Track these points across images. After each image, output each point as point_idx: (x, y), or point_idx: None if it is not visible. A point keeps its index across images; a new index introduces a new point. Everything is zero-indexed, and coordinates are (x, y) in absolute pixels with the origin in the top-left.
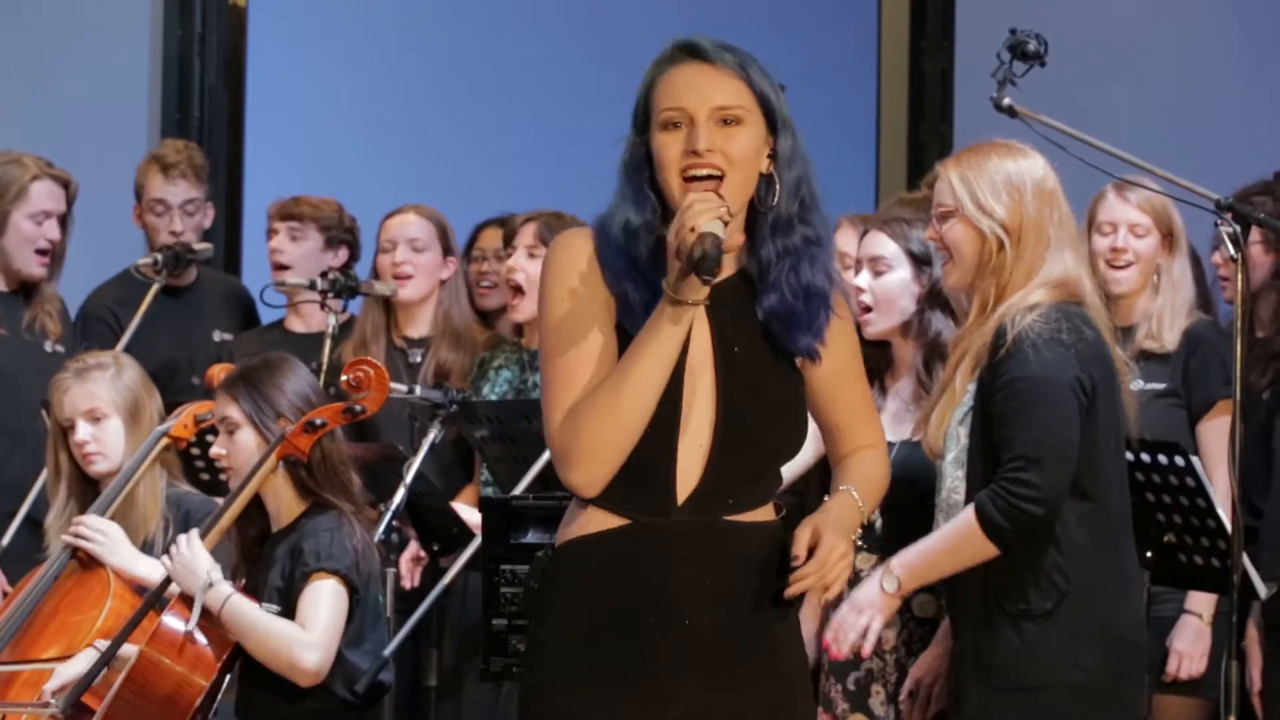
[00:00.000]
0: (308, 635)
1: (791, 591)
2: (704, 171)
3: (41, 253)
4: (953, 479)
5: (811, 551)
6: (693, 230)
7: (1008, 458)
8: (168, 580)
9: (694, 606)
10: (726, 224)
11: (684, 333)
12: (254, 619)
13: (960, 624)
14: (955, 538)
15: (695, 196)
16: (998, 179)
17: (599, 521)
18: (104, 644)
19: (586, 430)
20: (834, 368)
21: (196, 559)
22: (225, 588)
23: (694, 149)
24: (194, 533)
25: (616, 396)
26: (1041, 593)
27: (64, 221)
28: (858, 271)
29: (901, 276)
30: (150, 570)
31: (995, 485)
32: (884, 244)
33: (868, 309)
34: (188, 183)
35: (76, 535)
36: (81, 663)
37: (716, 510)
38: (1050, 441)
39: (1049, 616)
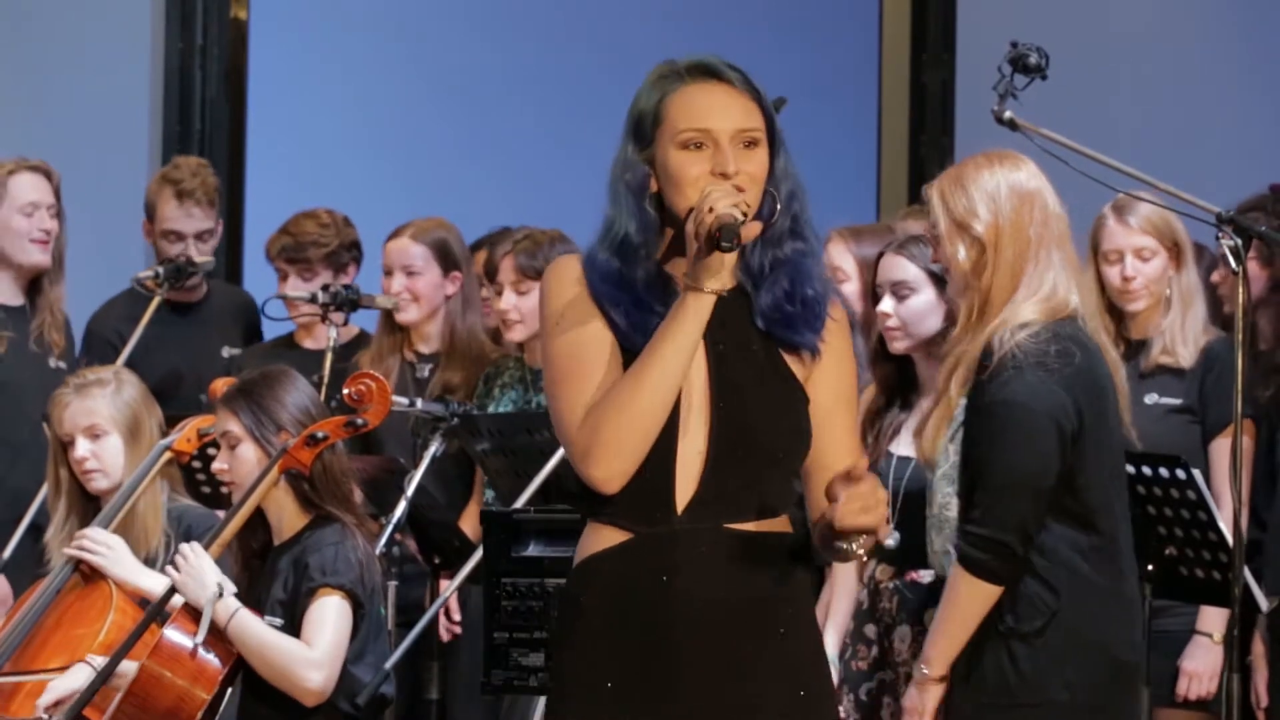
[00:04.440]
0: (312, 653)
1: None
2: (744, 206)
3: (39, 243)
4: (943, 495)
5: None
6: (710, 210)
7: (980, 484)
8: (171, 592)
9: (700, 616)
10: (745, 215)
11: (703, 322)
12: (260, 635)
13: None
14: (954, 599)
15: (712, 186)
16: (973, 192)
17: (605, 539)
18: (97, 659)
19: (609, 424)
20: (831, 391)
21: (204, 569)
22: (233, 601)
23: (724, 171)
24: (197, 544)
25: (638, 388)
26: (1030, 612)
27: (56, 213)
28: (878, 298)
29: (926, 298)
30: (154, 583)
31: (969, 527)
32: (904, 268)
33: (895, 329)
34: (202, 211)
35: (80, 549)
36: (76, 677)
37: (717, 519)
38: (1020, 469)
39: (1039, 635)
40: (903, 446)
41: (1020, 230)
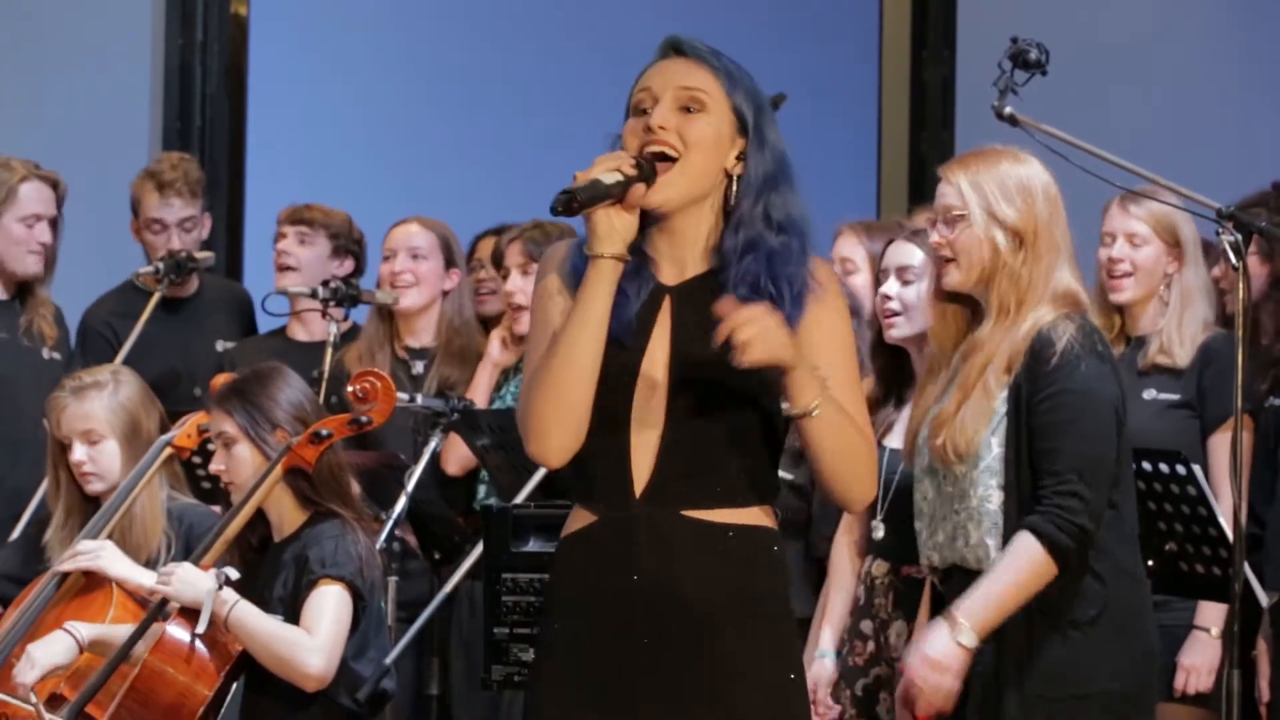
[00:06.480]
0: (312, 640)
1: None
2: (657, 149)
3: (35, 254)
4: (984, 487)
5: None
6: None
7: (1052, 470)
8: (164, 602)
9: (656, 601)
10: (629, 177)
11: (606, 290)
12: (259, 623)
13: (998, 633)
14: (1019, 570)
15: (604, 156)
16: (1010, 183)
17: (579, 519)
18: (80, 627)
19: (533, 401)
20: (818, 357)
21: (193, 575)
22: (231, 593)
23: (648, 125)
24: (179, 563)
25: (550, 362)
26: (1086, 601)
27: (54, 224)
28: (882, 281)
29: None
30: (150, 580)
31: (1047, 505)
32: (912, 253)
33: (895, 314)
34: (183, 200)
35: (72, 561)
36: (56, 645)
37: (673, 504)
38: (1094, 455)
39: (1092, 624)
40: (895, 440)
41: (1053, 235)
